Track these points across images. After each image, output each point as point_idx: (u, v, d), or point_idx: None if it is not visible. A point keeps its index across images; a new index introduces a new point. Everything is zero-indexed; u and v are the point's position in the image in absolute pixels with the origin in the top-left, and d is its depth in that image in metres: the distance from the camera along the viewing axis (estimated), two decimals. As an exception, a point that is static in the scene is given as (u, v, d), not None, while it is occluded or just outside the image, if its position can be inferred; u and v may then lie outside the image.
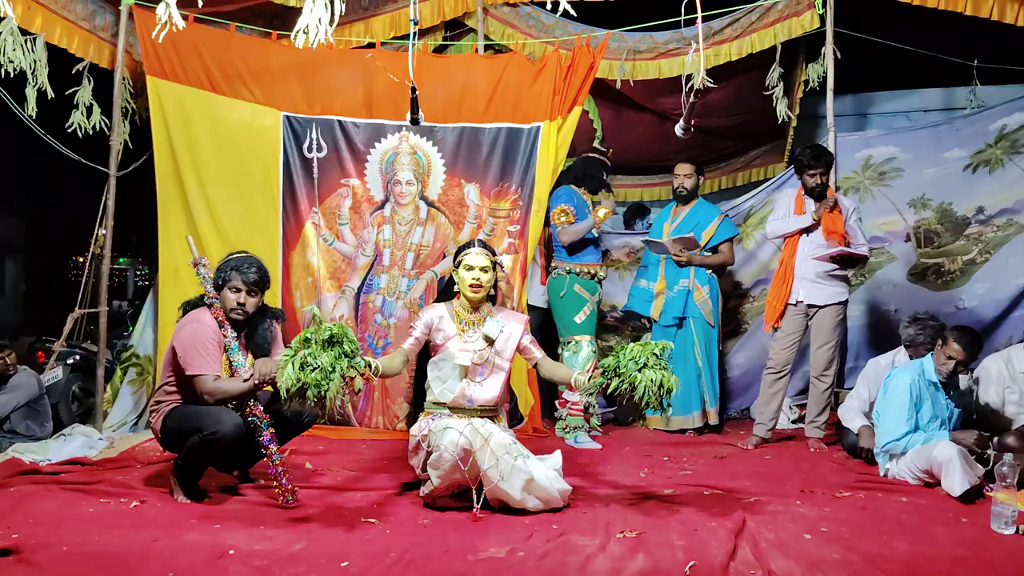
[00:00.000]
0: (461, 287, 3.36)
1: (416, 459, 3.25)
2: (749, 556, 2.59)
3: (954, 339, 3.61)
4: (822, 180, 4.42)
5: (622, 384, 2.98)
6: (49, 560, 2.47)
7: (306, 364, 2.75)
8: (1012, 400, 3.95)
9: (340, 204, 4.91)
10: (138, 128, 5.05)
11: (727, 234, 5.05)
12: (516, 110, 4.92)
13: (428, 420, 3.27)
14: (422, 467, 3.17)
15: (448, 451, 2.96)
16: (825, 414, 4.51)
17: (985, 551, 2.68)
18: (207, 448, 3.13)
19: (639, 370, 2.95)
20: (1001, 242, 5.24)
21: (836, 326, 4.48)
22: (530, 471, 3.03)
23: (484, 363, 3.33)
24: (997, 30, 4.93)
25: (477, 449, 2.97)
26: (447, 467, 2.98)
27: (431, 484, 3.08)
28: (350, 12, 4.95)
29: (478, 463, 2.97)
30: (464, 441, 2.96)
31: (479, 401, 3.31)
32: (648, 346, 3.02)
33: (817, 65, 5.29)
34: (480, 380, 3.32)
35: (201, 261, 3.36)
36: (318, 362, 2.74)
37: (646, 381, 2.93)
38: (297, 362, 2.75)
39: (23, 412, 4.49)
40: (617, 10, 5.27)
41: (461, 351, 3.30)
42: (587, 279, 4.85)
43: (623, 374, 2.98)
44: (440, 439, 3.01)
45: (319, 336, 2.80)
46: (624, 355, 3.02)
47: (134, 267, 16.44)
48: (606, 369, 3.06)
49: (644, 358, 2.98)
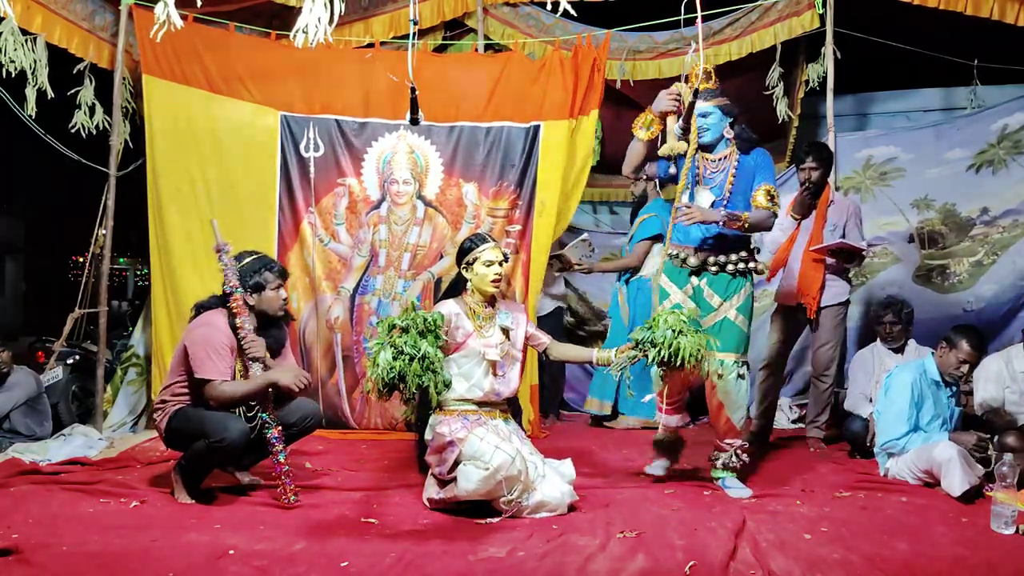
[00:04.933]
0: (479, 284, 3.30)
1: (439, 458, 3.13)
2: (749, 556, 2.59)
3: (965, 341, 3.61)
4: (812, 176, 4.40)
5: (660, 353, 2.97)
6: (49, 560, 2.47)
7: (402, 352, 2.55)
8: (1012, 400, 3.95)
9: (336, 204, 4.89)
10: (138, 128, 5.05)
11: (642, 234, 5.11)
12: (516, 109, 4.91)
13: (460, 421, 3.16)
14: (449, 469, 3.07)
15: (500, 473, 2.93)
16: (825, 414, 4.51)
17: (985, 551, 2.68)
18: (213, 454, 3.14)
19: (677, 336, 2.95)
20: (1008, 243, 5.22)
21: (837, 326, 4.48)
22: (544, 499, 3.03)
23: (505, 356, 3.32)
24: (997, 30, 4.92)
25: (520, 478, 2.98)
26: (490, 487, 2.95)
27: (452, 490, 3.04)
28: (350, 12, 4.95)
29: (512, 487, 2.98)
30: (515, 470, 2.95)
31: (505, 394, 3.31)
32: (677, 313, 3.03)
33: (817, 65, 5.29)
34: (504, 373, 3.31)
35: (224, 247, 3.35)
36: (417, 351, 2.55)
37: (688, 346, 2.93)
38: (390, 351, 2.55)
39: (23, 411, 4.48)
40: (617, 10, 5.27)
41: (487, 347, 3.26)
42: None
43: (661, 343, 2.97)
44: (490, 458, 2.95)
45: (415, 323, 2.62)
46: (658, 324, 3.01)
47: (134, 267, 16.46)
48: (640, 342, 3.05)
49: (679, 325, 2.99)
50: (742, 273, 3.53)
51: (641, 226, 5.16)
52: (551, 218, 4.85)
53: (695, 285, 3.53)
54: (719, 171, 3.51)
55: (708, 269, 3.51)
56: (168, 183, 4.74)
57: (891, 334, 4.41)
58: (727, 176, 3.48)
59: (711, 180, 3.51)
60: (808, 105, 5.76)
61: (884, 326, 4.44)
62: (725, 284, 3.51)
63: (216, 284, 3.47)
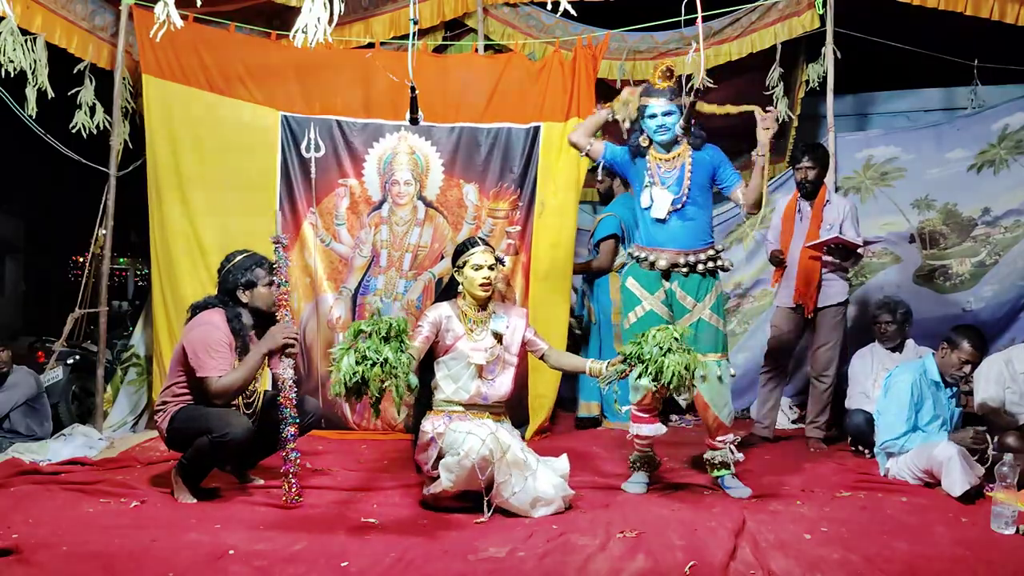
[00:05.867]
0: (468, 287, 3.33)
1: (425, 456, 3.22)
2: (749, 556, 2.59)
3: (966, 342, 3.62)
4: (808, 175, 4.41)
5: (647, 370, 2.97)
6: (49, 560, 2.47)
7: (365, 357, 2.60)
8: (1012, 400, 3.95)
9: (337, 204, 4.90)
10: (138, 128, 5.04)
11: (601, 233, 5.15)
12: (516, 110, 4.91)
13: (443, 419, 3.23)
14: (433, 465, 3.15)
15: (470, 458, 2.94)
16: (825, 414, 4.51)
17: (985, 551, 2.68)
18: (216, 450, 3.14)
19: (664, 355, 2.95)
20: (1010, 244, 5.22)
21: (836, 326, 4.49)
22: (538, 491, 3.02)
23: (495, 360, 3.33)
24: (997, 30, 4.93)
25: (496, 460, 2.96)
26: (465, 473, 2.96)
27: (439, 485, 3.07)
28: (350, 12, 4.96)
29: (494, 472, 2.97)
30: (486, 451, 2.94)
31: (493, 398, 3.31)
32: (668, 330, 3.02)
33: (817, 65, 5.29)
34: (492, 377, 3.32)
35: (281, 239, 3.35)
36: (379, 356, 2.59)
37: (673, 365, 2.93)
38: (354, 356, 2.60)
39: (23, 411, 4.48)
40: (617, 10, 5.26)
41: (474, 350, 3.28)
42: None
43: (648, 360, 2.97)
44: (461, 444, 2.98)
45: (379, 329, 2.66)
46: (647, 341, 3.01)
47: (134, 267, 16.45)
48: (628, 356, 3.05)
49: (668, 343, 2.97)
50: (711, 272, 3.51)
51: (600, 225, 5.19)
52: (552, 219, 4.85)
53: (667, 288, 3.50)
54: (674, 169, 3.50)
55: (679, 270, 3.48)
56: (167, 183, 4.74)
57: (887, 334, 4.43)
58: (683, 173, 3.48)
59: (666, 179, 3.50)
60: (808, 105, 5.76)
61: (880, 326, 4.46)
62: (696, 285, 3.48)
63: (215, 284, 3.48)
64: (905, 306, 4.46)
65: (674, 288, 3.49)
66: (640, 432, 3.50)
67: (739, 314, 5.60)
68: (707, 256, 3.49)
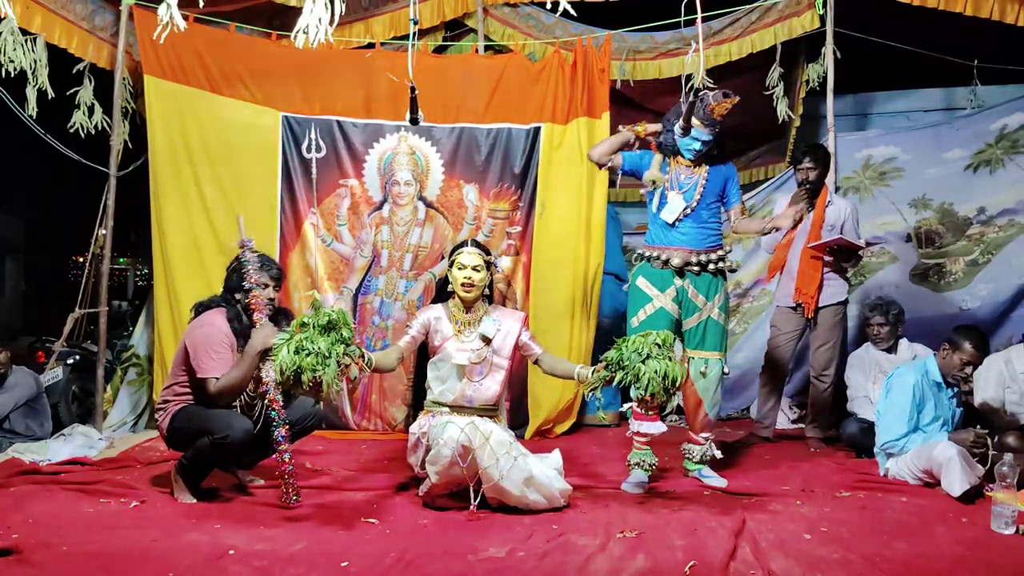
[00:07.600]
0: (454, 286, 3.37)
1: (415, 456, 3.26)
2: (749, 556, 2.59)
3: (968, 343, 3.62)
4: (809, 176, 4.41)
5: (626, 377, 2.98)
6: (49, 560, 2.47)
7: (302, 348, 2.72)
8: (1012, 400, 3.95)
9: (338, 205, 4.90)
10: (138, 128, 5.05)
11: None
12: (516, 110, 4.92)
13: (428, 418, 3.27)
14: (421, 464, 3.17)
15: (448, 447, 2.96)
16: (825, 414, 4.51)
17: (985, 551, 2.68)
18: (216, 451, 3.14)
19: (643, 361, 2.96)
20: (1003, 243, 5.23)
21: (835, 326, 4.49)
22: (529, 469, 3.02)
23: (482, 362, 3.34)
24: (997, 30, 4.92)
25: (477, 447, 2.96)
26: (446, 463, 2.98)
27: (429, 482, 3.08)
28: (350, 12, 4.94)
29: (477, 461, 2.96)
30: (464, 438, 2.95)
31: (479, 401, 3.32)
32: (649, 336, 3.03)
33: (817, 65, 5.29)
34: (479, 380, 3.33)
35: (247, 243, 3.36)
36: (315, 346, 2.72)
37: (650, 372, 2.93)
38: (292, 345, 2.73)
39: (23, 411, 4.48)
40: (617, 10, 5.27)
41: (458, 351, 3.31)
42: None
43: (627, 366, 2.98)
44: (440, 435, 3.01)
45: (317, 321, 2.78)
46: (626, 347, 3.02)
47: (134, 267, 16.42)
48: (609, 362, 3.06)
49: (647, 349, 2.98)
50: (720, 272, 3.65)
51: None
52: (552, 220, 4.85)
53: (679, 286, 3.60)
54: (692, 176, 3.66)
55: (691, 269, 3.60)
56: (168, 183, 4.74)
57: (879, 336, 4.42)
58: (698, 183, 3.63)
59: (684, 185, 3.64)
60: (808, 105, 5.76)
61: (872, 328, 4.45)
62: (707, 284, 3.62)
63: (217, 283, 3.47)
64: (897, 306, 4.45)
65: (686, 286, 3.61)
66: (640, 429, 3.53)
67: (739, 314, 5.60)
68: (717, 256, 3.64)
